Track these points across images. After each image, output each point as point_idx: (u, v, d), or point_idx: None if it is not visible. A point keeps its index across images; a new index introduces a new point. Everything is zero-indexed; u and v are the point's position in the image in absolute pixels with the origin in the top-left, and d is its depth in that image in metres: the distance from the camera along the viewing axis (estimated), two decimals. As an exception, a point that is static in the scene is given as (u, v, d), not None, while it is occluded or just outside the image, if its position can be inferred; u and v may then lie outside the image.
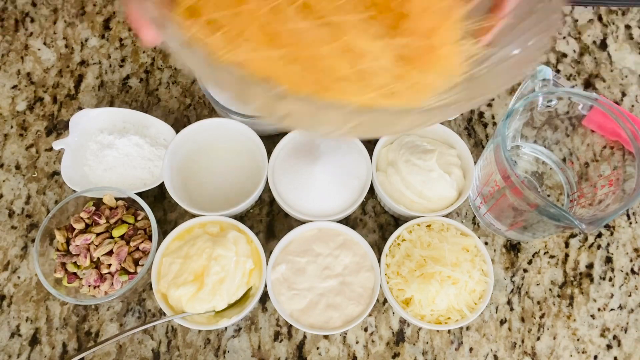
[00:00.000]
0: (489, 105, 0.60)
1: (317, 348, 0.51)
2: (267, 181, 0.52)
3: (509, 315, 0.53)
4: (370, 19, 0.32)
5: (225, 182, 0.55)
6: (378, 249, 0.54)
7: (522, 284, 0.54)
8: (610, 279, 0.54)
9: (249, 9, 0.30)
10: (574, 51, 0.63)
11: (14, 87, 0.61)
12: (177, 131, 0.53)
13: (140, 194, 0.52)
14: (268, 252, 0.50)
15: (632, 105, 0.61)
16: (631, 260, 0.55)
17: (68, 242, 0.51)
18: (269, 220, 0.56)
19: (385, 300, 0.52)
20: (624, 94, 0.61)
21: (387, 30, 0.32)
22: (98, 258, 0.50)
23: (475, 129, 0.60)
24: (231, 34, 0.30)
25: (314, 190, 0.51)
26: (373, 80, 0.31)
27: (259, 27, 0.30)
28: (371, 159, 0.53)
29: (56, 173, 0.57)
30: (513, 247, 0.55)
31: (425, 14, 0.32)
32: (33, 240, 0.54)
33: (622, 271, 0.55)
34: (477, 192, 0.53)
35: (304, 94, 0.30)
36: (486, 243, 0.55)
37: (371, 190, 0.54)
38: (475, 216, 0.56)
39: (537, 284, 0.54)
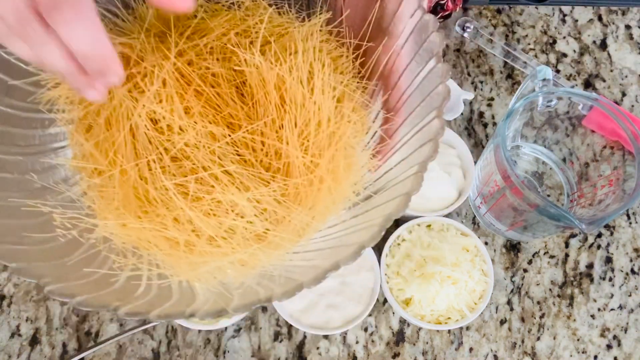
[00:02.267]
0: (489, 105, 0.60)
1: (317, 348, 0.51)
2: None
3: (509, 315, 0.53)
4: (242, 163, 0.32)
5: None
6: (378, 249, 0.54)
7: (522, 284, 0.54)
8: (610, 279, 0.54)
9: (122, 170, 0.32)
10: (574, 51, 0.63)
11: None
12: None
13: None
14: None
15: (632, 105, 0.61)
16: (631, 260, 0.55)
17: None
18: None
19: (385, 300, 0.52)
20: (624, 94, 0.61)
21: (261, 174, 0.33)
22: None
23: (475, 129, 0.59)
24: (106, 199, 0.33)
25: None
26: (240, 236, 0.32)
27: (131, 191, 0.32)
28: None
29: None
30: (513, 247, 0.55)
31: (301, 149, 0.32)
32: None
33: (622, 271, 0.55)
34: (477, 192, 0.53)
35: (177, 260, 0.32)
36: (486, 243, 0.55)
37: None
38: (475, 216, 0.56)
39: (537, 284, 0.54)
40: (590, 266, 0.55)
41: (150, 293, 0.32)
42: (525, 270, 0.54)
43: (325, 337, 0.52)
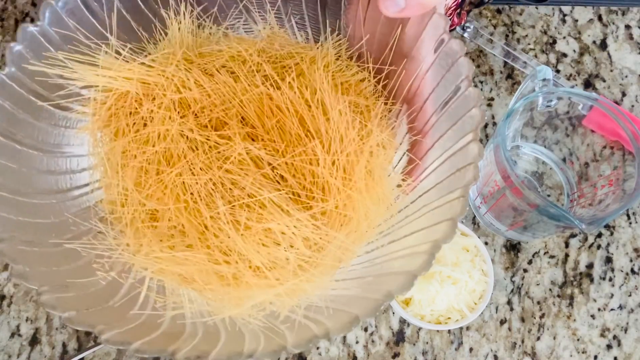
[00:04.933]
0: (489, 105, 0.60)
1: (317, 348, 0.51)
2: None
3: (509, 315, 0.53)
4: (284, 189, 0.32)
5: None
6: (378, 249, 0.54)
7: (522, 284, 0.54)
8: (610, 279, 0.54)
9: (165, 202, 0.31)
10: (574, 51, 0.63)
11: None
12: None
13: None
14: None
15: (632, 105, 0.61)
16: (631, 260, 0.55)
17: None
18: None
19: (385, 300, 0.52)
20: (624, 94, 0.61)
21: (300, 200, 0.33)
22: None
23: (475, 129, 0.59)
24: (147, 235, 0.32)
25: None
26: (285, 267, 0.32)
27: (174, 224, 0.32)
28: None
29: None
30: (513, 247, 0.55)
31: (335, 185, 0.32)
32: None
33: (622, 271, 0.55)
34: (477, 192, 0.53)
35: (219, 291, 0.32)
36: (486, 243, 0.55)
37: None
38: (475, 216, 0.56)
39: (537, 284, 0.54)
40: (590, 266, 0.55)
41: (198, 333, 0.32)
42: (525, 270, 0.54)
43: (325, 337, 0.52)
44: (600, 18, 0.65)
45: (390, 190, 0.35)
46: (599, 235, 0.56)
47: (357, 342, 0.51)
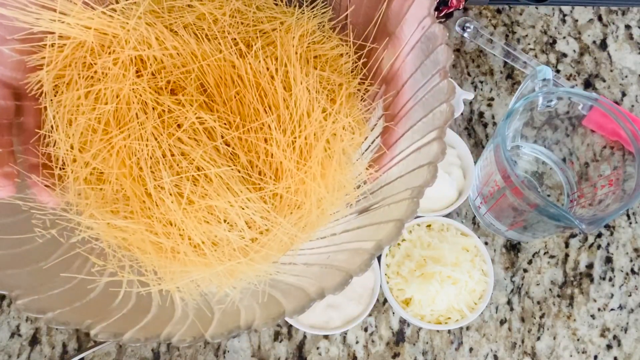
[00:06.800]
0: (489, 105, 0.60)
1: (317, 348, 0.51)
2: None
3: (509, 315, 0.53)
4: (236, 165, 0.31)
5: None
6: (378, 249, 0.54)
7: (522, 284, 0.54)
8: (610, 279, 0.54)
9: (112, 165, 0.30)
10: (574, 51, 0.63)
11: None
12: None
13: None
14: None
15: (632, 105, 0.61)
16: (631, 260, 0.55)
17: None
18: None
19: (385, 300, 0.52)
20: (624, 94, 0.61)
21: (251, 180, 0.31)
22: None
23: (475, 129, 0.59)
24: (95, 195, 0.30)
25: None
26: (227, 247, 0.30)
27: (119, 189, 0.30)
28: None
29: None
30: (513, 247, 0.55)
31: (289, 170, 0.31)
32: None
33: (622, 271, 0.55)
34: (477, 192, 0.53)
35: (161, 265, 0.30)
36: (486, 243, 0.55)
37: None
38: (475, 216, 0.56)
39: (537, 284, 0.54)
40: (590, 266, 0.55)
41: (129, 304, 0.30)
42: (525, 270, 0.54)
43: (325, 337, 0.52)
44: (600, 18, 0.65)
45: (350, 179, 0.34)
46: (599, 235, 0.56)
47: (357, 342, 0.51)
